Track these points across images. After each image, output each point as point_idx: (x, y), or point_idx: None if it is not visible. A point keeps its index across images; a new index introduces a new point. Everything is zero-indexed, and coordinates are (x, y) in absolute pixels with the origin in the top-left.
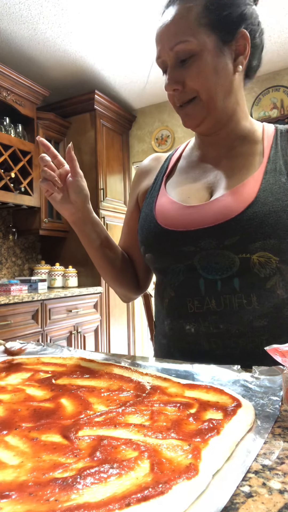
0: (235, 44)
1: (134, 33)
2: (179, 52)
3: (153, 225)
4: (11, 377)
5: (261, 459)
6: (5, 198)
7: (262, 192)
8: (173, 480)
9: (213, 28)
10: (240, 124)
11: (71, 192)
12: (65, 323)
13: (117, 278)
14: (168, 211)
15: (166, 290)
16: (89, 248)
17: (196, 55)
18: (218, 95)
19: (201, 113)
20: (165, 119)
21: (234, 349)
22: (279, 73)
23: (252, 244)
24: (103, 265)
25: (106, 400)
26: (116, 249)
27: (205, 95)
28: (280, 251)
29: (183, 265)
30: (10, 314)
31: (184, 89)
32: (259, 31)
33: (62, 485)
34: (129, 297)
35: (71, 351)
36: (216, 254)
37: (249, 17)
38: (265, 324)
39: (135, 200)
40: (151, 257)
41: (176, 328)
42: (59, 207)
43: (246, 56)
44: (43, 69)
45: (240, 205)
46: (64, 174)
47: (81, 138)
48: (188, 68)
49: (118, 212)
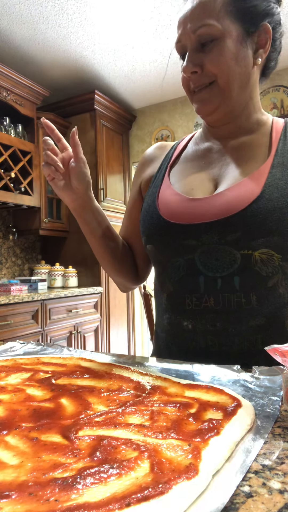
0: (257, 37)
1: (134, 33)
2: (201, 35)
3: (155, 216)
4: (11, 377)
5: (261, 459)
6: (5, 198)
7: (267, 187)
8: (173, 480)
9: (238, 17)
10: (250, 118)
11: (73, 178)
12: (65, 323)
13: (116, 267)
14: (171, 203)
15: (165, 284)
16: (90, 237)
17: (218, 40)
18: (235, 84)
19: (216, 99)
20: (165, 119)
21: (230, 347)
22: (279, 73)
23: (255, 241)
24: (103, 254)
25: (106, 400)
26: (117, 239)
27: (223, 80)
28: (283, 248)
29: (184, 259)
30: (10, 314)
31: (202, 73)
32: (280, 32)
33: (62, 485)
34: (127, 286)
35: (71, 351)
36: (217, 249)
37: (273, 15)
38: (262, 323)
39: (138, 189)
40: (152, 248)
41: (174, 323)
42: (60, 193)
43: (266, 50)
44: (43, 69)
45: (244, 200)
46: (67, 159)
47: (81, 138)
48: (209, 52)
49: (118, 212)
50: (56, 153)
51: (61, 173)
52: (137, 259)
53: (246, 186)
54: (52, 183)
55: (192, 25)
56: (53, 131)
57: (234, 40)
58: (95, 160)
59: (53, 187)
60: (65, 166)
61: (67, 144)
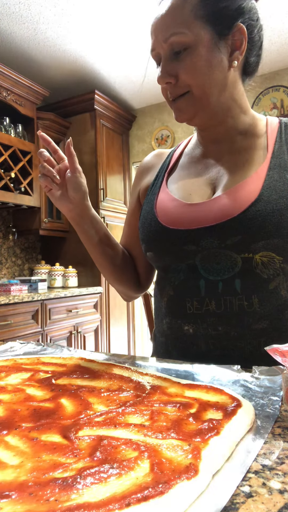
0: (232, 39)
1: (134, 33)
2: (173, 44)
3: (154, 223)
4: (11, 377)
5: (261, 459)
6: (5, 198)
7: (265, 190)
8: (173, 480)
9: (209, 21)
10: (238, 120)
11: (69, 189)
12: (65, 323)
13: (117, 275)
14: (169, 209)
15: (165, 289)
16: (88, 245)
17: (191, 48)
18: (212, 91)
19: (192, 108)
20: (165, 119)
21: (232, 351)
22: (279, 73)
23: (255, 244)
24: (102, 263)
25: (106, 400)
26: (116, 247)
27: (198, 90)
28: (284, 250)
29: (185, 264)
30: (10, 314)
31: (177, 83)
32: (258, 27)
33: (62, 485)
34: (130, 295)
35: (71, 351)
36: (217, 253)
37: (247, 12)
38: (264, 326)
39: (136, 197)
40: (152, 255)
41: (175, 328)
42: (57, 203)
43: (242, 52)
44: (43, 69)
45: (243, 203)
46: (63, 170)
47: (81, 138)
48: (182, 61)
49: (118, 212)
50: (53, 164)
51: (58, 183)
52: (139, 267)
53: (244, 189)
54: (49, 194)
55: (163, 34)
56: (49, 144)
57: (207, 46)
58: (95, 160)
59: (50, 197)
60: (62, 176)
61: (63, 155)
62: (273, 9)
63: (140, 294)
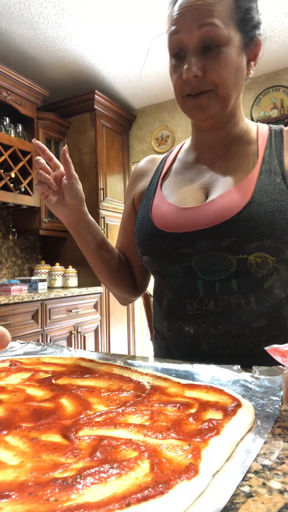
0: (250, 50)
1: (134, 33)
2: (206, 36)
3: (149, 227)
4: (11, 377)
5: (261, 459)
6: (5, 198)
7: (257, 193)
8: (173, 480)
9: (240, 27)
10: (237, 126)
11: (66, 195)
12: (65, 323)
13: (114, 280)
14: (165, 213)
15: (164, 292)
16: (85, 250)
17: (224, 47)
18: (233, 94)
19: (214, 108)
20: (165, 119)
21: (233, 350)
22: (279, 73)
23: (249, 245)
24: (99, 267)
25: (106, 400)
26: (113, 251)
27: (223, 90)
28: (276, 251)
29: (181, 267)
30: (10, 314)
31: (203, 78)
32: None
33: (62, 485)
34: (127, 299)
35: (71, 351)
36: (213, 255)
37: (260, 26)
38: (263, 325)
39: (131, 202)
40: (149, 259)
41: (175, 330)
42: (54, 210)
43: (255, 63)
44: (43, 69)
45: (236, 206)
46: (59, 176)
47: (81, 138)
48: (214, 59)
49: (118, 212)
50: (49, 171)
51: (54, 190)
52: (135, 271)
53: (236, 193)
54: (46, 201)
55: (199, 19)
56: (44, 151)
57: (237, 50)
58: (95, 160)
59: (47, 204)
60: (58, 183)
61: (58, 162)
62: (273, 9)
63: (137, 298)
